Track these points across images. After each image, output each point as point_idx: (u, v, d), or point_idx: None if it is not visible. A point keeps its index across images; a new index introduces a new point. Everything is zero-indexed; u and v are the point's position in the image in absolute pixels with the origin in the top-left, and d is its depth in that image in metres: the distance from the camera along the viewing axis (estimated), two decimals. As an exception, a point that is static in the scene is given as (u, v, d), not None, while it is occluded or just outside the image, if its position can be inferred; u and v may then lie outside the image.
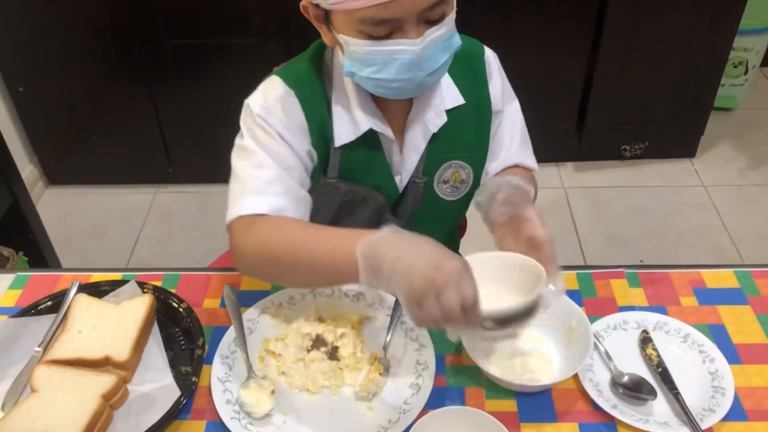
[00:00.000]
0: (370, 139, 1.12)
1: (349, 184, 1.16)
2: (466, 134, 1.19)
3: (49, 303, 1.16)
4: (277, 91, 1.09)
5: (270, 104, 1.07)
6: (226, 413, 0.98)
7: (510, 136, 1.24)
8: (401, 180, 1.19)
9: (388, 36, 0.96)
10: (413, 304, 0.82)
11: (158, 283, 1.19)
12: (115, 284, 1.18)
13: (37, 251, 2.05)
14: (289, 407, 1.01)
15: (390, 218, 1.22)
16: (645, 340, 1.06)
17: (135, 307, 1.11)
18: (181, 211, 2.74)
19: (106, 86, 2.57)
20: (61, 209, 2.76)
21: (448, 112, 1.15)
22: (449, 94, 1.15)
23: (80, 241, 2.62)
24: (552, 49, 2.53)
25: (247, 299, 1.16)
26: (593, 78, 2.61)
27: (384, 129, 1.12)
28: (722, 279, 1.17)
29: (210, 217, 2.67)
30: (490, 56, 1.20)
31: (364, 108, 1.10)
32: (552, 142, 2.83)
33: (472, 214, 1.25)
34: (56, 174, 2.86)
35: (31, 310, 1.15)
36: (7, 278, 1.25)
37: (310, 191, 1.12)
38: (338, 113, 1.11)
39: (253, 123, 1.07)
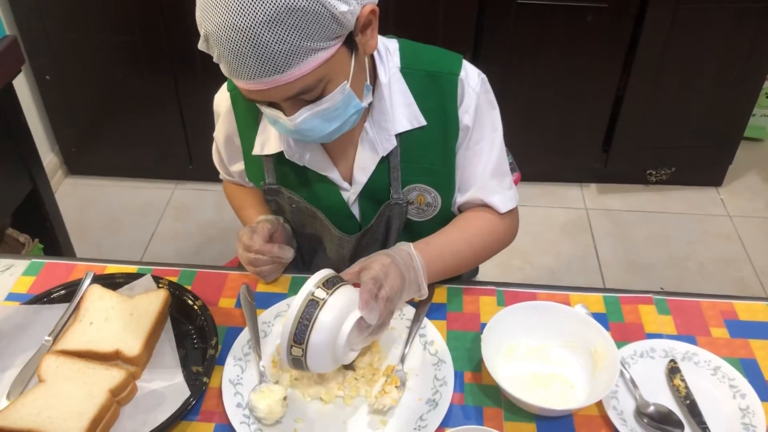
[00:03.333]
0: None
1: (290, 193, 1.17)
2: (430, 158, 1.13)
3: (63, 292, 1.14)
4: (222, 90, 1.19)
5: (216, 99, 1.21)
6: (235, 417, 0.95)
7: (482, 170, 1.16)
8: (348, 196, 1.17)
9: (269, 104, 0.98)
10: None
11: (174, 279, 1.17)
12: (130, 277, 1.16)
13: (52, 239, 2.04)
14: (301, 415, 0.98)
15: (335, 234, 1.20)
16: (673, 370, 1.02)
17: (149, 301, 1.08)
18: (198, 208, 2.73)
19: (132, 79, 2.57)
20: (78, 199, 2.76)
21: (407, 133, 1.11)
22: (405, 116, 1.10)
23: (96, 232, 2.61)
24: (583, 69, 2.50)
25: (263, 301, 1.13)
26: (623, 100, 2.58)
27: (297, 156, 1.12)
28: (755, 312, 1.13)
29: (227, 216, 2.64)
30: (471, 76, 1.12)
31: None
32: (577, 162, 2.80)
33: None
34: (76, 164, 2.87)
35: (43, 298, 1.13)
36: (22, 264, 1.23)
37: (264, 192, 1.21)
38: (263, 124, 1.15)
39: None
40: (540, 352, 1.06)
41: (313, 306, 0.92)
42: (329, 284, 0.95)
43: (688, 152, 2.76)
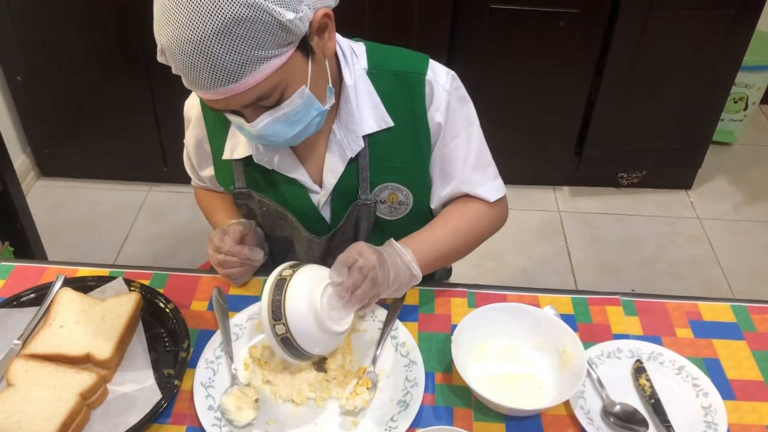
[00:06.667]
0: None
1: (260, 196, 1.18)
2: (399, 157, 1.15)
3: (33, 295, 1.13)
4: (193, 96, 1.21)
5: (186, 105, 1.23)
6: (207, 420, 0.96)
7: (462, 163, 1.18)
8: (319, 199, 1.18)
9: (232, 112, 0.99)
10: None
11: (146, 282, 1.17)
12: (102, 280, 1.16)
13: (23, 242, 2.01)
14: (273, 417, 0.98)
15: (305, 236, 1.21)
16: (638, 370, 1.04)
17: (120, 304, 1.08)
18: (173, 211, 2.71)
19: (106, 81, 2.55)
20: (51, 202, 2.73)
21: (375, 134, 1.12)
22: (372, 118, 1.11)
23: (68, 235, 2.59)
24: (556, 73, 2.53)
25: (235, 304, 1.14)
26: (595, 104, 2.61)
27: (266, 160, 1.14)
28: (718, 312, 1.16)
29: (202, 218, 2.60)
30: (439, 75, 1.13)
31: None
32: (550, 166, 2.84)
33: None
34: (49, 166, 2.84)
35: (12, 302, 1.12)
36: (-9, 267, 1.22)
37: (234, 196, 1.22)
38: (233, 129, 1.16)
39: None
40: (509, 352, 1.07)
41: (282, 282, 0.96)
42: (296, 266, 0.99)
43: (658, 156, 2.81)
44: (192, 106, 1.21)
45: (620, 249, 2.61)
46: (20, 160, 2.72)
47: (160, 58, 0.95)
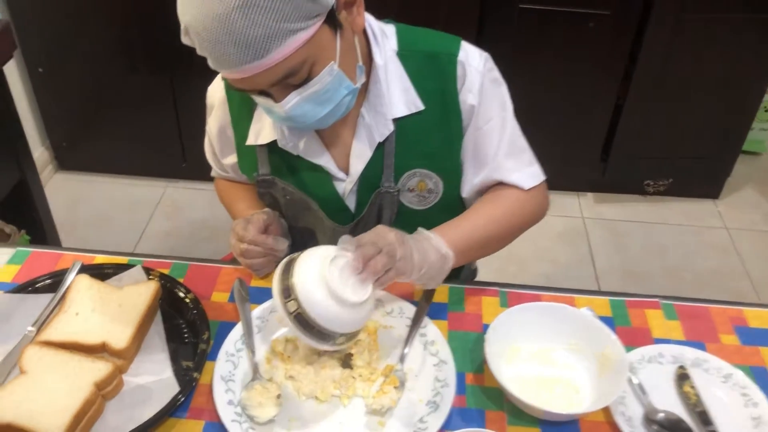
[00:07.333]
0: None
1: (284, 183, 1.14)
2: (429, 142, 1.10)
3: (49, 281, 1.09)
4: (217, 80, 1.17)
5: (210, 91, 1.20)
6: (226, 415, 0.91)
7: (496, 148, 1.12)
8: (344, 187, 1.13)
9: (259, 93, 0.95)
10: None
11: (165, 271, 1.13)
12: (120, 268, 1.12)
13: (40, 233, 1.98)
14: (295, 414, 0.94)
15: (329, 225, 1.17)
16: (682, 377, 0.99)
17: (138, 293, 1.04)
18: (190, 207, 2.68)
19: (127, 75, 2.53)
20: (68, 195, 2.70)
21: (404, 118, 1.08)
22: (402, 101, 1.07)
23: (84, 228, 2.56)
24: (584, 76, 2.48)
25: (257, 296, 1.09)
26: (622, 109, 2.55)
27: (291, 145, 1.09)
28: (766, 319, 1.10)
29: (220, 215, 2.57)
30: (472, 56, 1.09)
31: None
32: (575, 171, 2.78)
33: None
34: (67, 159, 2.81)
35: (28, 287, 1.08)
36: (7, 252, 1.18)
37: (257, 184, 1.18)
38: (258, 113, 1.12)
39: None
40: (544, 354, 1.02)
41: (291, 262, 0.92)
42: (305, 249, 0.96)
43: (686, 164, 2.74)
44: (215, 91, 1.17)
45: (645, 257, 2.55)
46: (39, 152, 2.70)
47: (184, 39, 0.91)
